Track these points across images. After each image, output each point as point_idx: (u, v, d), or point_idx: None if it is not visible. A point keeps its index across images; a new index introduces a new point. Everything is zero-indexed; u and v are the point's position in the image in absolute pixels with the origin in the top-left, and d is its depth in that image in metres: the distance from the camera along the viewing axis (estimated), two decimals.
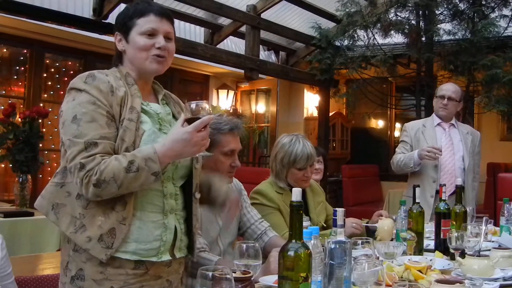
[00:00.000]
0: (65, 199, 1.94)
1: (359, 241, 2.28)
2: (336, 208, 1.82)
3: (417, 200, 2.94)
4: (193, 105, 1.89)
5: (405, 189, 4.56)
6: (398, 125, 10.01)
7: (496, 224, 3.61)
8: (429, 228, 3.34)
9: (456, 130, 4.41)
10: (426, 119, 4.56)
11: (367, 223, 3.35)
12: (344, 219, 1.84)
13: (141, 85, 2.07)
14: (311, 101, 10.24)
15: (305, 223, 1.73)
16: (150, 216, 1.96)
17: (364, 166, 9.53)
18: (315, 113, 9.84)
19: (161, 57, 2.04)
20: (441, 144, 4.24)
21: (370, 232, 3.17)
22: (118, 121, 1.91)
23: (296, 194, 1.58)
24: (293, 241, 1.58)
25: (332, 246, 1.76)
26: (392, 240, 2.93)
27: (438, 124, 4.40)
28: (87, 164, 1.81)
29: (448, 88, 4.40)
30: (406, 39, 7.61)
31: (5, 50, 7.00)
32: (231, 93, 9.90)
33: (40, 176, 6.90)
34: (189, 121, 1.88)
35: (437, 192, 4.14)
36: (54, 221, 1.95)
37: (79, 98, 1.89)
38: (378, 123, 10.50)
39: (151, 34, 2.02)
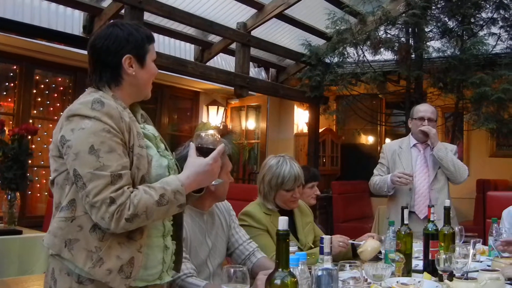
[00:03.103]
0: (78, 234, 1.84)
1: (347, 264, 2.28)
2: (323, 236, 1.83)
3: (405, 222, 2.94)
4: (202, 134, 2.01)
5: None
6: (388, 141, 10.01)
7: (485, 242, 3.62)
8: (417, 247, 3.34)
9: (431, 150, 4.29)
10: (403, 140, 4.49)
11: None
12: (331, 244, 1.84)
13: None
14: (301, 117, 10.26)
15: (292, 248, 1.73)
16: (154, 241, 1.97)
17: (354, 182, 9.51)
18: (305, 130, 9.83)
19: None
20: (412, 169, 4.20)
21: (355, 248, 3.17)
22: (128, 148, 1.87)
23: (282, 223, 1.57)
24: (280, 269, 1.58)
25: (319, 273, 1.77)
26: (379, 261, 2.92)
27: (414, 145, 4.34)
28: (117, 199, 1.76)
29: (426, 110, 4.34)
30: (395, 56, 7.65)
31: None
32: (221, 109, 9.88)
33: (29, 193, 6.85)
34: (200, 149, 1.99)
35: (412, 212, 4.10)
36: (69, 259, 1.84)
37: (91, 127, 1.81)
38: (368, 139, 10.53)
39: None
